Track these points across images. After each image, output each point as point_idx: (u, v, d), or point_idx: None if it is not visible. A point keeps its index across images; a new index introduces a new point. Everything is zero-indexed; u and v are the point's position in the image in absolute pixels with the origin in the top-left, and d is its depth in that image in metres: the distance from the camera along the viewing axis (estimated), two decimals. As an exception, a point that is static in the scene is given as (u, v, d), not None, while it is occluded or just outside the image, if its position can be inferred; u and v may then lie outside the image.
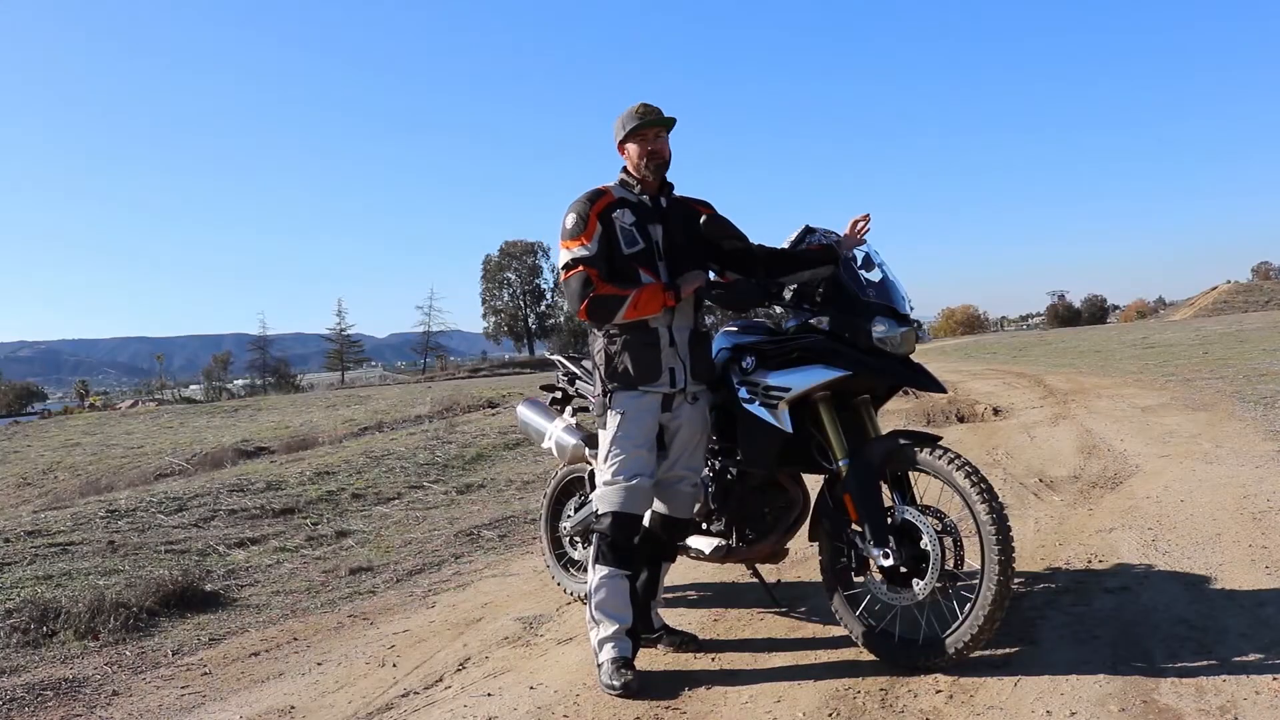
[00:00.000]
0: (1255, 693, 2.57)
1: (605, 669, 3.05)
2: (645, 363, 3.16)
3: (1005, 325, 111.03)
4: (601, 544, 3.16)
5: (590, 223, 3.15)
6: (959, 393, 11.93)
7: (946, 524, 2.93)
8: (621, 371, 3.17)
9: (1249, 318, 33.76)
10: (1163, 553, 4.00)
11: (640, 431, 3.16)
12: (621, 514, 3.14)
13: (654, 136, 3.22)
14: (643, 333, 3.17)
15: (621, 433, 3.16)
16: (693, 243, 3.26)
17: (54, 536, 5.85)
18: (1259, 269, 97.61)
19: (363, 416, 18.34)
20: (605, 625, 3.12)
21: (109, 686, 3.44)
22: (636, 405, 3.17)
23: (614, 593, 3.15)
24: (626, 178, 3.29)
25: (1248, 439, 6.59)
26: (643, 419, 3.17)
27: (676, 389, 3.21)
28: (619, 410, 3.17)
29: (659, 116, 3.22)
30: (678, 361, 3.21)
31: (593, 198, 3.21)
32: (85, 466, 15.35)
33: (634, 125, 3.20)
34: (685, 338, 3.24)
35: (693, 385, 3.25)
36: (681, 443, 3.26)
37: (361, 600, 4.50)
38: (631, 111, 3.23)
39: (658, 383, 3.18)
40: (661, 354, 3.18)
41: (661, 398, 3.20)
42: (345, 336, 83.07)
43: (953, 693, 2.74)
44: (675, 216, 3.29)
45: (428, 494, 7.39)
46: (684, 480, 3.30)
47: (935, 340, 55.42)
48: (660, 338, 3.18)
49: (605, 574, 3.15)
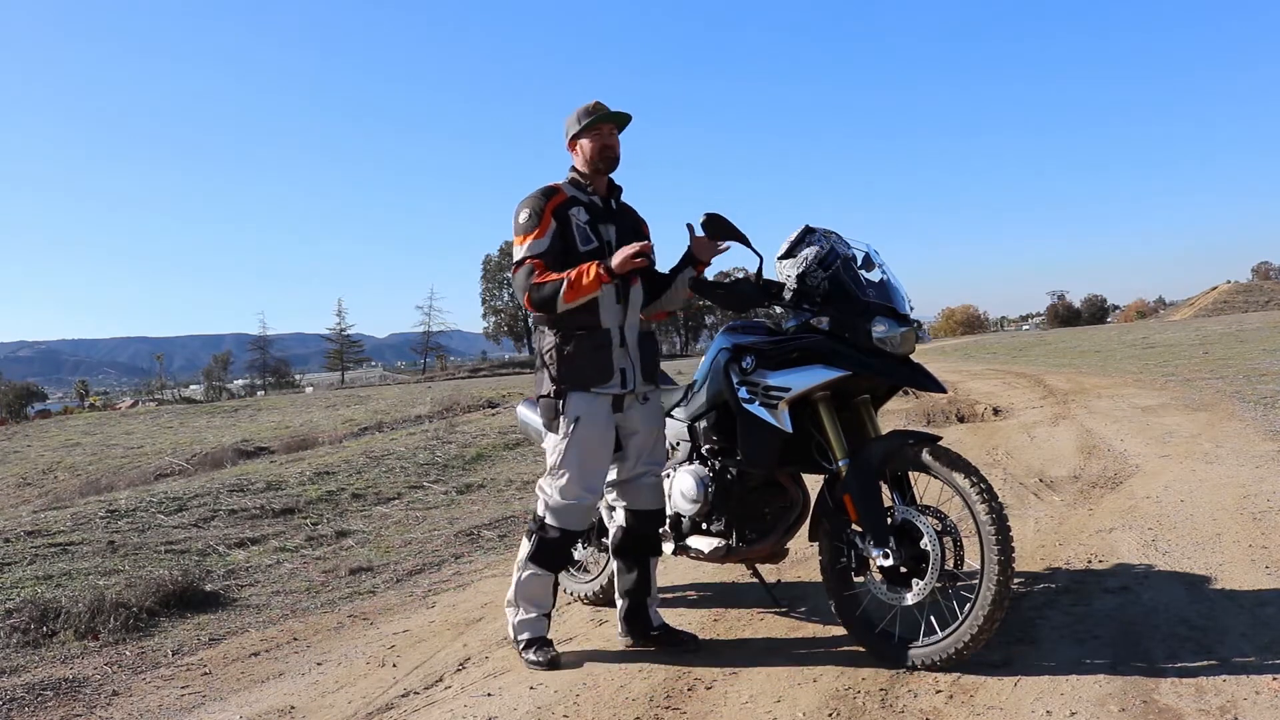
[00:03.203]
0: (1255, 693, 2.57)
1: (525, 645, 3.25)
2: (597, 363, 3.17)
3: (1005, 325, 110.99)
4: (540, 548, 3.25)
5: (544, 218, 3.16)
6: (959, 393, 11.94)
7: (946, 524, 2.93)
8: (573, 371, 3.16)
9: (1249, 318, 33.77)
10: (1163, 553, 4.00)
11: (597, 440, 3.19)
12: (570, 531, 3.26)
13: (608, 133, 3.25)
14: (595, 333, 3.18)
15: (575, 441, 3.17)
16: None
17: (54, 536, 5.85)
18: (1259, 269, 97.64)
19: (363, 416, 18.34)
20: (525, 610, 3.29)
21: (109, 686, 3.44)
22: (590, 410, 3.17)
23: (540, 586, 3.30)
24: (578, 176, 3.31)
25: (1248, 439, 6.59)
26: (596, 424, 3.18)
27: (627, 390, 3.23)
28: (572, 416, 3.17)
29: (612, 113, 3.25)
30: (629, 362, 3.24)
31: (547, 194, 3.23)
32: (85, 466, 15.35)
33: (588, 121, 3.23)
34: (635, 338, 3.28)
35: (643, 386, 3.29)
36: (638, 444, 3.32)
37: (361, 600, 4.50)
38: (585, 108, 3.26)
39: (609, 384, 3.19)
40: (613, 354, 3.20)
41: (612, 399, 3.22)
42: (345, 336, 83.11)
43: (953, 693, 2.74)
44: (625, 220, 3.34)
45: (428, 494, 7.39)
46: (647, 474, 3.36)
47: (935, 340, 55.43)
48: (612, 338, 3.20)
49: (535, 571, 3.28)
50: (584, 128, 3.23)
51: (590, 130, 3.24)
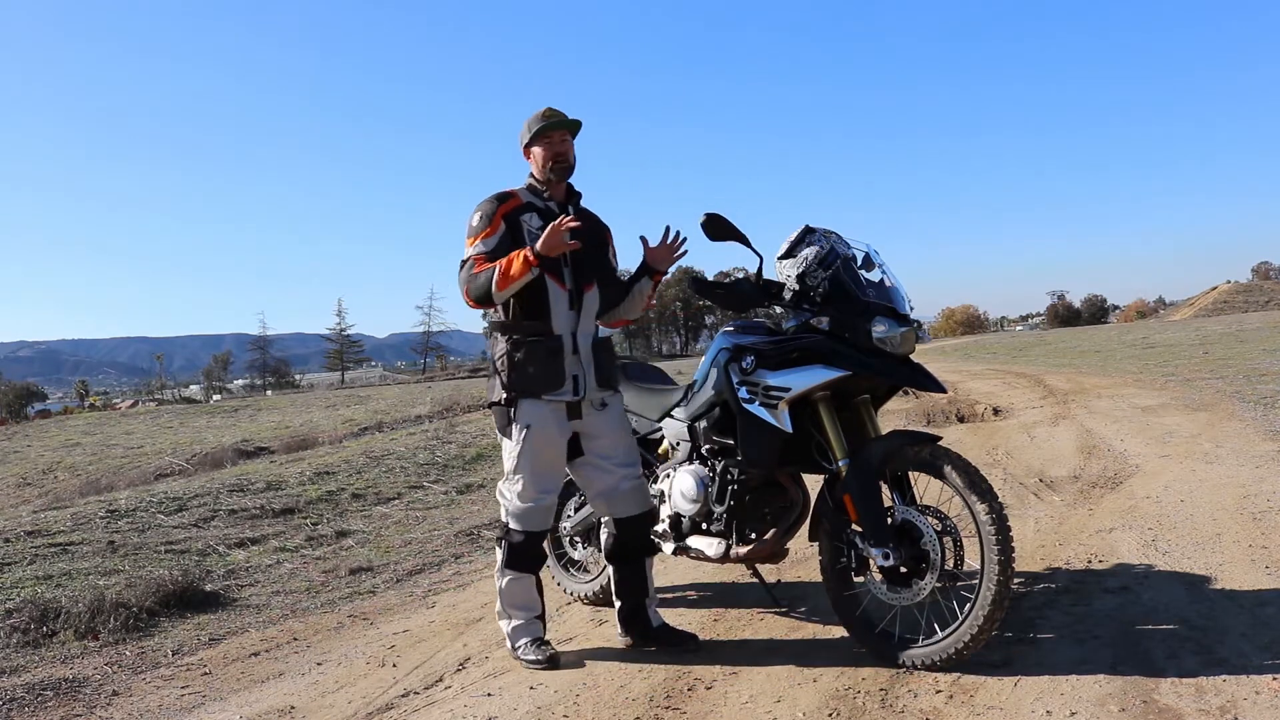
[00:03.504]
0: (1255, 693, 2.57)
1: (524, 649, 3.26)
2: (549, 370, 3.16)
3: (1005, 325, 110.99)
4: (511, 554, 3.29)
5: (495, 221, 3.18)
6: (959, 393, 11.94)
7: (946, 524, 2.93)
8: (524, 379, 3.16)
9: (1249, 318, 33.76)
10: (1163, 553, 4.00)
11: (548, 444, 3.20)
12: (533, 533, 3.28)
13: (559, 140, 3.25)
14: (546, 339, 3.18)
15: (528, 446, 3.18)
16: (593, 251, 3.32)
17: (54, 536, 5.85)
18: (1259, 269, 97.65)
19: (363, 416, 18.35)
20: (516, 616, 3.32)
21: (109, 686, 3.44)
22: (540, 417, 3.18)
23: (523, 590, 3.32)
24: (534, 182, 3.31)
25: (1248, 439, 6.59)
26: (548, 432, 3.19)
27: (579, 397, 3.22)
28: (524, 423, 3.18)
29: (564, 119, 3.25)
30: (580, 369, 3.23)
31: (501, 199, 3.25)
32: (85, 466, 15.36)
33: (539, 128, 3.22)
34: (589, 344, 3.27)
35: (598, 392, 3.28)
36: (602, 449, 3.31)
37: (361, 600, 4.51)
38: (537, 115, 3.26)
39: (560, 391, 3.18)
40: (565, 361, 3.20)
41: (566, 407, 3.21)
42: (345, 336, 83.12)
43: (953, 693, 2.74)
44: (581, 226, 3.27)
45: (428, 494, 7.39)
46: (624, 480, 3.34)
47: (935, 340, 55.43)
48: (564, 345, 3.20)
49: (513, 576, 3.30)
50: (534, 135, 3.24)
51: (541, 138, 3.24)
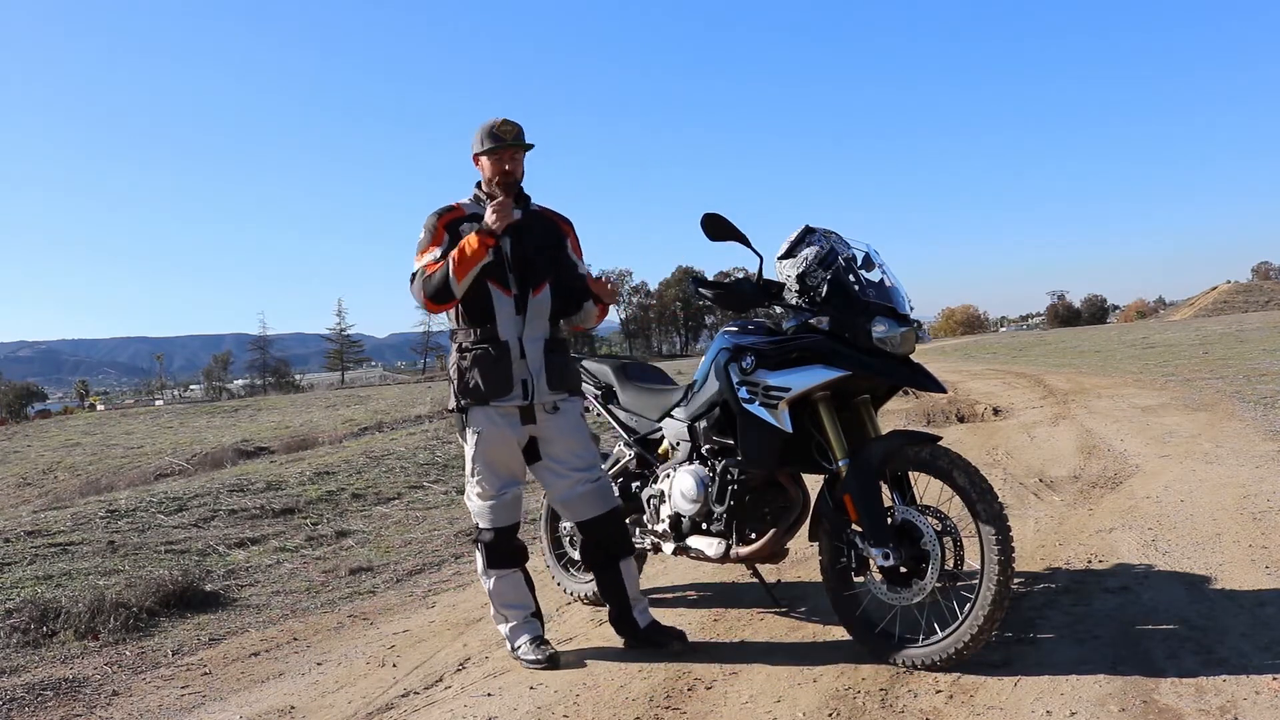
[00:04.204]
0: (1255, 693, 2.57)
1: (524, 649, 3.27)
2: (495, 377, 3.19)
3: (1005, 325, 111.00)
4: (488, 554, 3.32)
5: (438, 233, 3.23)
6: (959, 393, 11.94)
7: (946, 524, 2.93)
8: (473, 387, 3.20)
9: (1249, 318, 33.76)
10: (1163, 553, 4.00)
11: (499, 449, 3.25)
12: (501, 528, 3.30)
13: (509, 157, 3.26)
14: (492, 345, 3.20)
15: (480, 451, 3.25)
16: (542, 253, 3.31)
17: (54, 536, 5.85)
18: (1259, 269, 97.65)
19: (363, 416, 18.36)
20: (510, 617, 3.34)
21: (109, 686, 3.44)
22: (490, 423, 3.23)
23: (512, 588, 3.34)
24: (480, 193, 3.34)
25: (1248, 439, 6.59)
26: (500, 436, 3.24)
27: (530, 401, 3.23)
28: (475, 429, 3.24)
29: (517, 139, 3.25)
30: (529, 373, 3.23)
31: (441, 212, 3.28)
32: (85, 466, 15.37)
33: (490, 145, 3.23)
34: (539, 349, 3.26)
35: (550, 395, 3.27)
36: (555, 454, 3.31)
37: (361, 600, 4.51)
38: (491, 128, 3.25)
39: (509, 396, 3.21)
40: (512, 366, 3.21)
41: (518, 411, 3.23)
42: (345, 336, 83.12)
43: (953, 693, 2.74)
44: (527, 228, 3.30)
45: (428, 494, 7.39)
46: (579, 484, 3.33)
47: (935, 340, 55.43)
48: (510, 350, 3.21)
49: (499, 575, 3.33)
50: (486, 150, 3.25)
51: (491, 153, 3.25)
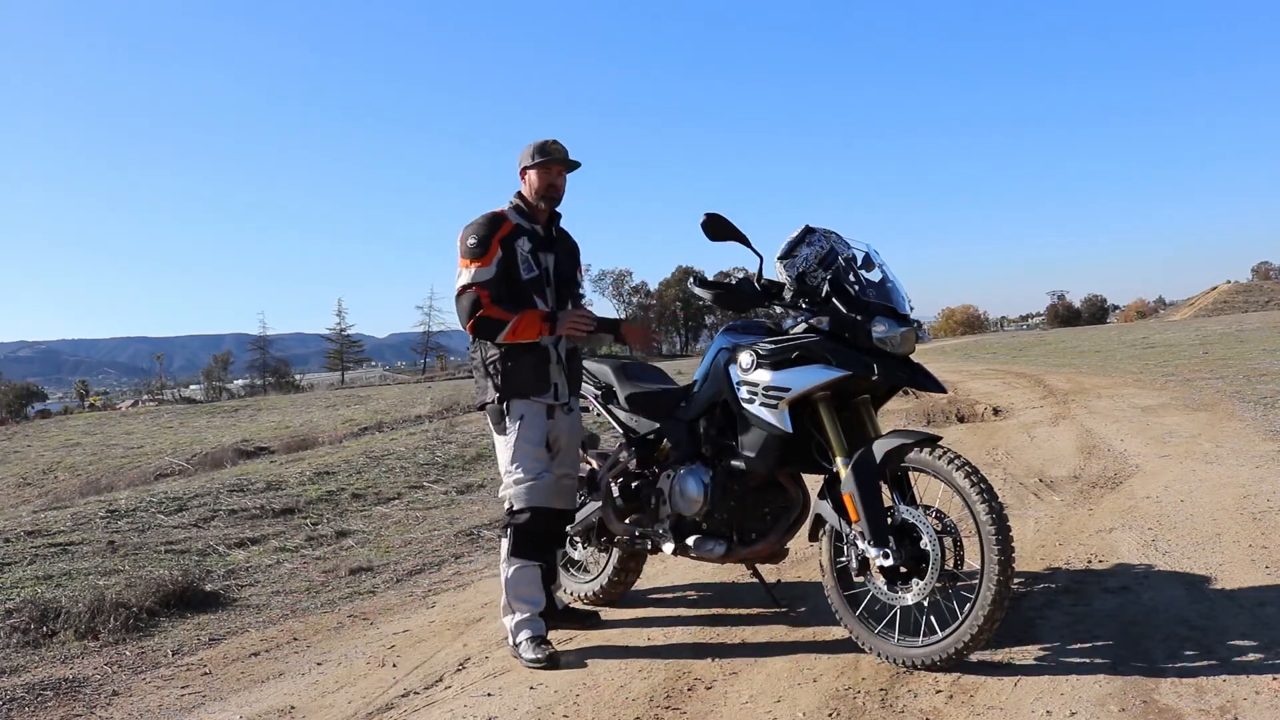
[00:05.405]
0: (1255, 693, 2.57)
1: (525, 647, 3.31)
2: (539, 377, 3.45)
3: (1005, 325, 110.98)
4: (517, 538, 3.41)
5: (492, 247, 3.38)
6: (959, 393, 11.94)
7: (946, 524, 2.93)
8: (517, 384, 3.43)
9: (1249, 318, 33.76)
10: (1163, 553, 4.00)
11: (538, 435, 3.46)
12: (539, 509, 3.41)
13: (556, 173, 3.49)
14: (535, 349, 3.43)
15: (523, 436, 3.42)
16: (572, 272, 3.65)
17: (54, 536, 5.85)
18: (1259, 269, 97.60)
19: (363, 416, 18.36)
20: (521, 610, 3.40)
21: (109, 686, 3.44)
22: (531, 411, 3.45)
23: (528, 581, 3.42)
24: (521, 204, 3.53)
25: (1248, 439, 6.59)
26: (538, 424, 3.46)
27: (559, 402, 3.51)
28: (518, 417, 3.43)
29: (566, 157, 3.49)
30: (561, 377, 3.52)
31: (495, 222, 3.44)
32: (85, 466, 15.37)
33: (542, 160, 3.45)
34: (565, 356, 3.55)
35: (569, 398, 3.58)
36: (562, 448, 3.57)
37: (361, 600, 4.51)
38: (542, 144, 3.48)
39: (545, 395, 3.47)
40: (550, 369, 3.48)
41: (546, 408, 3.48)
42: (345, 336, 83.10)
43: (953, 693, 2.74)
44: (562, 247, 3.61)
45: (428, 494, 7.39)
46: (565, 477, 3.59)
47: (935, 340, 55.42)
48: (550, 355, 3.48)
49: (520, 565, 3.42)
50: (536, 164, 3.46)
51: (541, 167, 3.46)
